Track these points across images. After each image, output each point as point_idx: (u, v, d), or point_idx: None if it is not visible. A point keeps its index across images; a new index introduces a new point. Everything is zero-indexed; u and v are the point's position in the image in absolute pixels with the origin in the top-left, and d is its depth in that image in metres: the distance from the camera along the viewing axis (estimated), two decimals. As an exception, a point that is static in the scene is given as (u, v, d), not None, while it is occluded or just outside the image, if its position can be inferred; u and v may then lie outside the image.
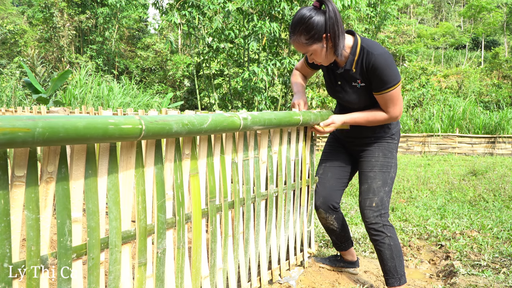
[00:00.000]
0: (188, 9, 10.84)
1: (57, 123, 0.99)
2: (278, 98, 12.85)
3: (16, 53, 18.39)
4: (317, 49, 1.77)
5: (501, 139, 10.93)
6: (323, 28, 1.71)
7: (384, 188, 1.92)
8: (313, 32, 1.71)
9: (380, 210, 1.89)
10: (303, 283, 2.14)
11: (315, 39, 1.73)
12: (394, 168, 1.97)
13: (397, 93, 1.80)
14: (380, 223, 1.88)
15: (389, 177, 1.94)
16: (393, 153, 1.97)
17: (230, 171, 1.76)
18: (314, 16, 1.70)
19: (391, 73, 1.75)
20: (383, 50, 1.76)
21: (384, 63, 1.74)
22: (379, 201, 1.90)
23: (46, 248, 1.11)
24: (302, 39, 1.74)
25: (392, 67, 1.75)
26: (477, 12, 27.74)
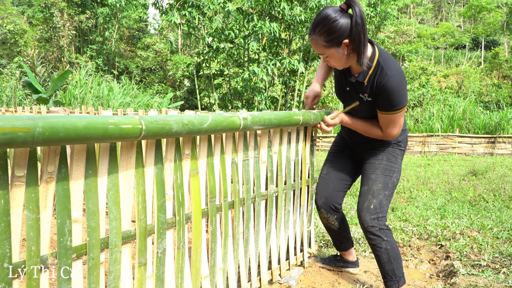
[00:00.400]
0: (188, 9, 10.84)
1: (57, 123, 0.99)
2: (278, 98, 12.85)
3: (16, 53, 18.39)
4: (334, 54, 1.71)
5: (501, 139, 10.93)
6: (346, 33, 1.63)
7: (384, 192, 1.89)
8: (334, 36, 1.64)
9: (377, 213, 1.86)
10: (303, 283, 2.14)
11: (334, 43, 1.66)
12: (397, 174, 1.94)
13: (399, 116, 1.79)
14: (377, 226, 1.85)
15: (391, 181, 1.91)
16: (397, 158, 1.94)
17: (230, 171, 1.76)
18: (339, 19, 1.62)
19: (400, 98, 1.72)
20: (398, 70, 1.71)
21: (396, 87, 1.70)
22: (378, 204, 1.87)
23: (46, 248, 1.11)
24: (321, 40, 1.67)
25: (402, 92, 1.72)
26: (477, 12, 27.74)
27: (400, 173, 1.97)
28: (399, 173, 1.96)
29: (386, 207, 1.89)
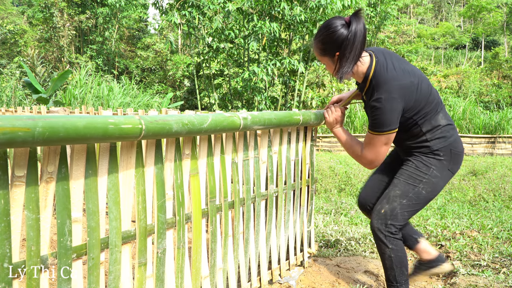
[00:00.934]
0: (188, 9, 10.84)
1: (57, 122, 0.99)
2: (278, 98, 12.85)
3: (16, 53, 18.39)
4: (328, 62, 1.74)
5: (501, 139, 10.94)
6: (339, 46, 1.66)
7: (401, 200, 1.77)
8: (328, 46, 1.68)
9: (386, 219, 1.77)
10: (303, 283, 2.14)
11: (327, 52, 1.70)
12: (427, 185, 1.76)
13: (376, 140, 1.70)
14: (383, 232, 1.77)
15: (413, 191, 1.77)
16: (430, 169, 1.76)
17: (230, 171, 1.76)
18: (338, 30, 1.64)
19: (380, 120, 1.65)
20: (387, 92, 1.64)
21: (380, 108, 1.64)
22: (389, 210, 1.77)
23: (46, 248, 1.11)
24: (318, 47, 1.72)
25: (383, 115, 1.64)
26: (477, 12, 27.74)
27: (434, 186, 1.76)
28: (432, 185, 1.76)
29: (401, 216, 1.76)
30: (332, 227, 3.19)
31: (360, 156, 1.80)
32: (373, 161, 1.76)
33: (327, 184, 5.03)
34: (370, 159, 1.76)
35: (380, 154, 1.74)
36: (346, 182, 5.05)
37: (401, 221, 1.77)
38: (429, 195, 1.78)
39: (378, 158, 1.75)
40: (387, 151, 1.74)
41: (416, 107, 1.68)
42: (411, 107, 1.67)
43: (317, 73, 15.20)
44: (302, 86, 12.55)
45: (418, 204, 1.78)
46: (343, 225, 3.29)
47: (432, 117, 1.72)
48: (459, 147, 1.78)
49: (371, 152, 1.75)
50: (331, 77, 14.92)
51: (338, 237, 2.92)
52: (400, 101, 1.63)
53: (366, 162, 1.79)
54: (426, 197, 1.78)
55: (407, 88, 1.64)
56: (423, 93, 1.69)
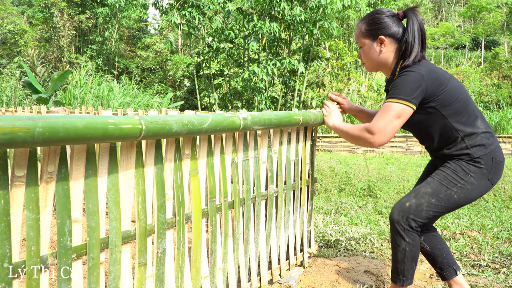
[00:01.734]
0: (188, 9, 10.84)
1: (57, 123, 0.99)
2: (278, 98, 12.85)
3: (16, 53, 18.39)
4: (367, 46, 1.75)
5: (501, 139, 10.93)
6: (385, 30, 1.68)
7: (430, 198, 1.68)
8: (374, 27, 1.69)
9: (409, 212, 1.68)
10: (303, 283, 2.14)
11: (371, 34, 1.71)
12: (461, 191, 1.66)
13: (390, 109, 1.60)
14: (402, 225, 1.69)
15: (446, 193, 1.67)
16: (468, 175, 1.66)
17: (230, 171, 1.76)
18: (386, 16, 1.69)
19: (400, 87, 1.59)
20: (414, 69, 1.61)
21: (404, 77, 1.61)
22: (414, 205, 1.68)
23: (46, 248, 1.11)
24: (362, 27, 1.73)
25: (404, 83, 1.59)
26: (477, 12, 27.74)
27: (468, 193, 1.67)
28: (466, 192, 1.67)
29: (425, 214, 1.68)
30: (332, 227, 3.19)
31: (365, 129, 1.65)
32: (380, 132, 1.61)
33: (327, 184, 5.03)
34: (377, 129, 1.61)
35: (389, 127, 1.60)
36: (346, 182, 5.05)
37: (424, 218, 1.69)
38: (460, 200, 1.69)
39: (385, 131, 1.61)
40: (396, 128, 1.61)
41: (447, 98, 1.62)
42: (441, 96, 1.61)
43: (317, 73, 15.20)
44: (302, 86, 12.55)
45: (447, 207, 1.69)
46: (343, 225, 3.29)
47: (469, 122, 1.65)
48: (500, 156, 1.70)
49: (380, 122, 1.61)
50: (331, 77, 14.92)
51: (338, 237, 2.92)
52: (426, 79, 1.59)
53: (371, 134, 1.63)
54: (457, 202, 1.69)
55: (436, 72, 1.62)
56: (454, 87, 1.65)
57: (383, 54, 1.72)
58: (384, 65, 1.74)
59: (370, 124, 1.64)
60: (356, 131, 1.70)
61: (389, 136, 1.62)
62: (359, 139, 1.69)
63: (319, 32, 11.02)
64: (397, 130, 1.63)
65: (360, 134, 1.68)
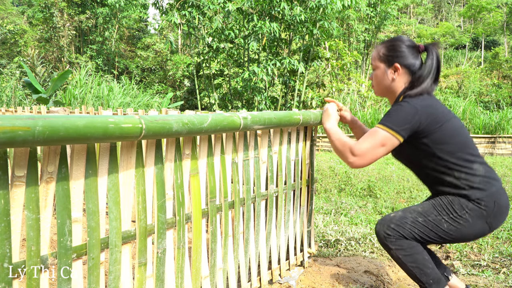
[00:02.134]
0: (188, 9, 10.84)
1: (57, 122, 0.99)
2: (278, 98, 12.85)
3: (16, 53, 18.38)
4: (381, 70, 1.73)
5: (501, 139, 10.93)
6: (402, 60, 1.67)
7: (417, 216, 1.60)
8: (391, 54, 1.68)
9: (390, 222, 1.62)
10: (303, 283, 2.14)
11: (387, 60, 1.70)
12: (452, 222, 1.57)
13: (377, 135, 1.57)
14: (382, 233, 1.63)
15: (435, 218, 1.59)
16: (464, 210, 1.56)
17: (230, 171, 1.76)
18: (406, 45, 1.67)
19: (392, 115, 1.57)
20: (411, 101, 1.58)
21: (397, 107, 1.58)
22: (399, 216, 1.62)
23: (46, 248, 1.11)
24: (381, 51, 1.72)
25: (396, 112, 1.56)
26: (477, 12, 27.75)
27: (460, 229, 1.57)
28: (458, 227, 1.57)
29: (409, 230, 1.59)
30: (332, 227, 3.19)
31: (349, 148, 1.62)
32: (361, 156, 1.58)
33: (327, 184, 5.03)
34: (359, 152, 1.58)
35: (371, 152, 1.57)
36: (346, 182, 5.05)
37: (406, 234, 1.60)
38: (450, 232, 1.58)
39: (366, 156, 1.58)
40: (378, 156, 1.58)
41: (441, 137, 1.57)
42: (435, 133, 1.57)
43: (317, 73, 15.20)
44: (302, 86, 12.55)
45: (434, 233, 1.59)
46: (343, 225, 3.29)
47: (465, 164, 1.58)
48: (503, 201, 1.59)
49: (363, 145, 1.58)
50: (331, 77, 14.92)
51: (338, 237, 2.92)
52: (420, 113, 1.55)
53: (353, 155, 1.60)
54: (447, 233, 1.58)
55: (434, 108, 1.58)
56: (452, 127, 1.59)
57: (394, 82, 1.70)
58: (392, 93, 1.73)
59: (355, 145, 1.61)
60: (341, 146, 1.68)
61: (369, 161, 1.59)
62: (341, 154, 1.68)
63: (319, 32, 11.03)
64: (378, 157, 1.59)
65: (343, 150, 1.65)
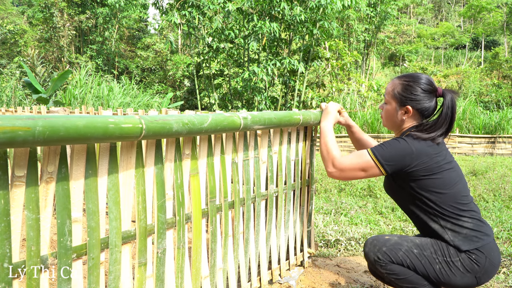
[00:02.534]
0: (188, 9, 10.84)
1: (57, 122, 0.99)
2: (278, 98, 12.86)
3: (16, 53, 18.39)
4: (392, 107, 1.66)
5: (501, 139, 10.94)
6: (415, 103, 1.60)
7: (413, 247, 1.55)
8: (405, 94, 1.61)
9: (383, 245, 1.57)
10: (303, 283, 2.14)
11: (400, 99, 1.63)
12: (444, 265, 1.52)
13: (362, 156, 1.57)
14: (373, 256, 1.58)
15: (431, 256, 1.54)
16: (457, 258, 1.52)
17: (230, 171, 1.76)
18: (422, 89, 1.59)
19: (382, 146, 1.56)
20: (408, 140, 1.55)
21: (392, 141, 1.57)
22: (393, 241, 1.58)
23: (46, 248, 1.11)
24: (396, 87, 1.64)
25: (388, 146, 1.55)
26: (477, 12, 27.76)
27: (450, 275, 1.51)
28: (449, 272, 1.51)
29: (400, 258, 1.53)
30: (332, 227, 3.19)
31: (333, 158, 1.65)
32: (341, 171, 1.62)
33: (327, 184, 5.03)
34: (340, 167, 1.62)
35: (350, 172, 1.60)
36: (346, 182, 5.05)
37: (397, 261, 1.54)
38: (439, 276, 1.52)
39: (345, 173, 1.61)
40: (356, 177, 1.61)
41: (429, 185, 1.54)
42: (424, 180, 1.54)
43: (317, 73, 15.20)
44: (302, 86, 12.55)
45: (424, 270, 1.53)
46: (343, 225, 3.29)
47: (454, 216, 1.54)
48: (496, 258, 1.54)
49: (346, 162, 1.61)
50: (331, 77, 14.92)
51: (338, 237, 2.92)
52: (414, 157, 1.52)
53: (333, 166, 1.64)
54: (435, 275, 1.53)
55: (429, 156, 1.54)
56: (446, 179, 1.55)
57: (403, 122, 1.65)
58: (399, 129, 1.69)
59: (339, 158, 1.64)
60: (325, 152, 1.71)
61: (346, 178, 1.63)
62: (324, 160, 1.71)
63: (319, 32, 11.03)
64: (357, 178, 1.61)
65: (327, 158, 1.69)
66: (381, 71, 25.43)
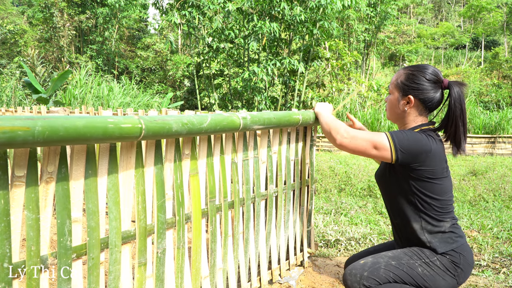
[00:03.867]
0: (188, 9, 10.84)
1: (57, 122, 0.99)
2: (278, 98, 12.86)
3: (16, 53, 18.39)
4: (395, 97, 1.62)
5: (501, 139, 10.93)
6: (418, 92, 1.55)
7: (390, 260, 1.52)
8: (408, 84, 1.57)
9: (363, 270, 1.51)
10: (303, 283, 2.14)
11: (403, 89, 1.58)
12: (426, 266, 1.50)
13: (380, 139, 1.50)
14: (357, 286, 1.49)
15: (408, 261, 1.51)
16: (435, 257, 1.52)
17: (230, 171, 1.76)
18: (426, 79, 1.54)
19: (408, 139, 1.49)
20: (433, 143, 1.51)
21: (421, 136, 1.51)
22: (370, 262, 1.53)
23: (46, 248, 1.11)
24: (401, 77, 1.60)
25: (415, 139, 1.49)
26: (477, 12, 27.75)
27: (434, 276, 1.49)
28: (432, 273, 1.49)
29: (384, 275, 1.49)
30: (332, 227, 3.19)
31: (345, 127, 1.59)
32: (351, 139, 1.54)
33: (327, 184, 5.03)
34: (351, 136, 1.55)
35: (361, 143, 1.53)
36: (346, 182, 5.05)
37: (382, 279, 1.48)
38: (424, 278, 1.49)
39: (354, 142, 1.54)
40: (366, 149, 1.53)
41: (428, 189, 1.52)
42: (426, 183, 1.51)
43: (317, 73, 15.20)
44: (302, 86, 12.56)
45: (410, 277, 1.49)
46: (343, 225, 3.29)
47: (435, 222, 1.53)
48: (469, 255, 1.54)
49: (361, 134, 1.54)
50: (331, 77, 14.92)
51: (338, 237, 2.92)
52: (430, 156, 1.49)
53: (345, 134, 1.56)
54: (421, 279, 1.49)
55: (439, 159, 1.51)
56: (442, 186, 1.54)
57: (405, 113, 1.60)
58: (401, 122, 1.64)
59: (350, 128, 1.60)
60: (332, 124, 1.64)
61: (354, 148, 1.55)
62: (331, 131, 1.63)
63: (319, 32, 11.03)
64: (362, 154, 1.54)
65: (335, 128, 1.62)
66: (381, 71, 25.44)
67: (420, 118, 1.60)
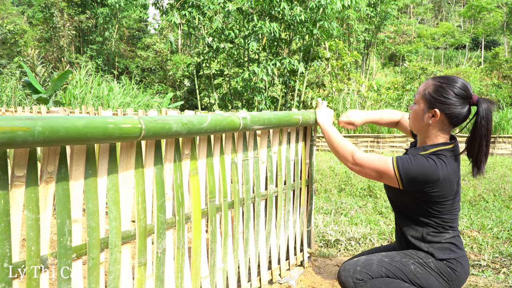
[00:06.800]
0: (188, 9, 10.84)
1: (57, 122, 0.99)
2: (278, 98, 12.85)
3: (16, 53, 18.38)
4: (419, 107, 1.56)
5: (501, 139, 10.93)
6: (444, 107, 1.48)
7: (383, 257, 1.55)
8: (435, 97, 1.50)
9: (356, 265, 1.54)
10: (303, 283, 2.14)
11: (429, 101, 1.51)
12: (418, 266, 1.52)
13: (387, 166, 1.51)
14: (351, 280, 1.52)
15: (401, 260, 1.54)
16: (430, 259, 1.53)
17: (230, 171, 1.76)
18: (455, 94, 1.47)
19: (416, 165, 1.47)
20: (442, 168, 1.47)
21: (430, 160, 1.48)
22: (363, 259, 1.56)
23: (46, 248, 1.12)
24: (429, 88, 1.53)
25: (422, 167, 1.46)
26: (477, 12, 27.74)
27: (427, 275, 1.51)
28: (425, 272, 1.51)
29: (377, 269, 1.51)
30: (332, 227, 3.19)
31: (352, 153, 1.63)
32: (360, 166, 1.59)
33: (327, 184, 5.03)
34: (360, 162, 1.59)
35: (368, 170, 1.57)
36: (346, 182, 5.05)
37: (374, 274, 1.51)
38: (417, 276, 1.51)
39: (363, 169, 1.58)
40: (373, 176, 1.57)
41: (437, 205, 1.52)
42: (436, 201, 1.51)
43: (317, 73, 15.20)
44: (302, 86, 12.55)
45: (402, 273, 1.51)
46: (343, 225, 3.29)
47: (438, 233, 1.54)
48: (466, 265, 1.55)
49: (368, 161, 1.57)
50: (331, 77, 14.92)
51: (338, 237, 2.92)
52: (439, 183, 1.47)
53: (353, 161, 1.61)
54: (414, 276, 1.50)
55: (450, 182, 1.49)
56: (457, 201, 1.54)
57: (429, 127, 1.55)
58: (424, 135, 1.59)
59: (360, 153, 1.61)
60: (342, 148, 1.68)
61: (363, 176, 1.61)
62: (341, 155, 1.68)
63: (319, 32, 11.03)
64: (371, 178, 1.60)
65: (345, 154, 1.66)
66: (381, 71, 25.44)
67: (442, 134, 1.55)
